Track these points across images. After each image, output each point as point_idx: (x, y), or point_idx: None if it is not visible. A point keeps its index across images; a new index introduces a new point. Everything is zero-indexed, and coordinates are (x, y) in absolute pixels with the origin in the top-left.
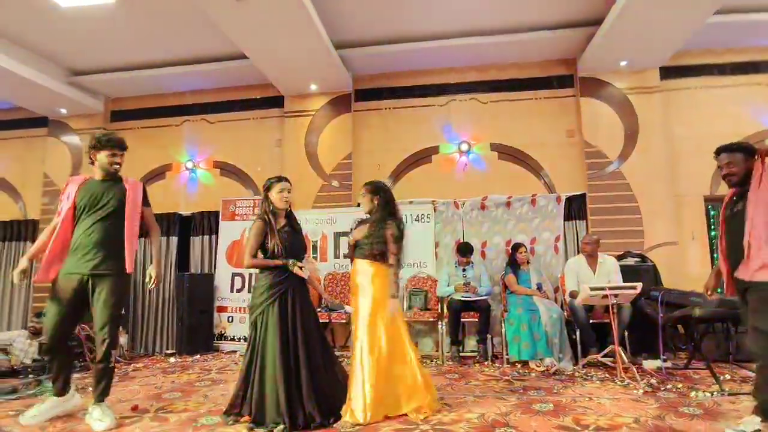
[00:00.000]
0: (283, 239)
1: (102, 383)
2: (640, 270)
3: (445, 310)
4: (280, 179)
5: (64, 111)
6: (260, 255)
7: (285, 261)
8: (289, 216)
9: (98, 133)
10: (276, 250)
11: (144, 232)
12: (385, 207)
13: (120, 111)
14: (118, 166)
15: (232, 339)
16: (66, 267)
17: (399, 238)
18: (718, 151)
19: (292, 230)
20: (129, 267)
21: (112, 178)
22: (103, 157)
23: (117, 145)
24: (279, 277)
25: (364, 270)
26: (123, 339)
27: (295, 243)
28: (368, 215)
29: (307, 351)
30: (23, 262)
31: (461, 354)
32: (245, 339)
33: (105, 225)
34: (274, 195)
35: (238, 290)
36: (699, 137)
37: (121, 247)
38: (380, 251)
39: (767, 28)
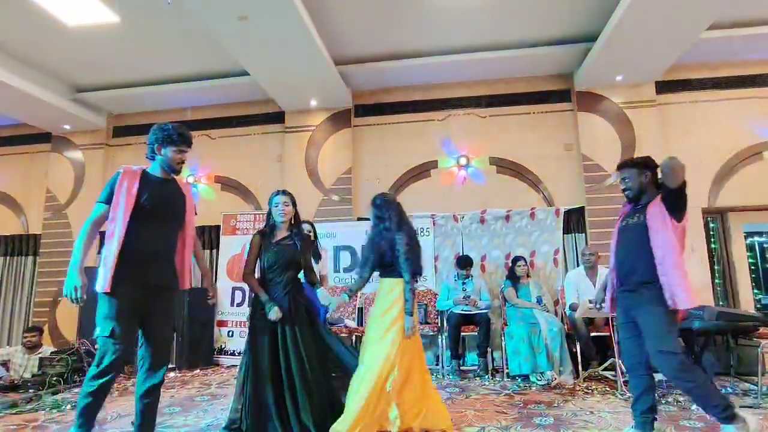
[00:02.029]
0: (280, 253)
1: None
2: None
3: (445, 324)
4: (278, 192)
5: (67, 127)
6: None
7: (268, 302)
8: (294, 229)
9: (167, 123)
10: (267, 263)
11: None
12: (393, 223)
13: (122, 127)
14: (183, 165)
15: (232, 353)
16: (129, 276)
17: (410, 250)
18: (618, 168)
19: (293, 243)
20: (187, 282)
21: (169, 176)
22: (171, 152)
23: (188, 141)
24: (274, 292)
25: (385, 286)
26: None
27: (293, 256)
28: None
29: (302, 364)
30: (81, 277)
31: (461, 368)
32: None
33: (168, 231)
34: (272, 208)
35: (239, 304)
36: (696, 150)
37: (178, 257)
38: (393, 265)
39: (760, 42)
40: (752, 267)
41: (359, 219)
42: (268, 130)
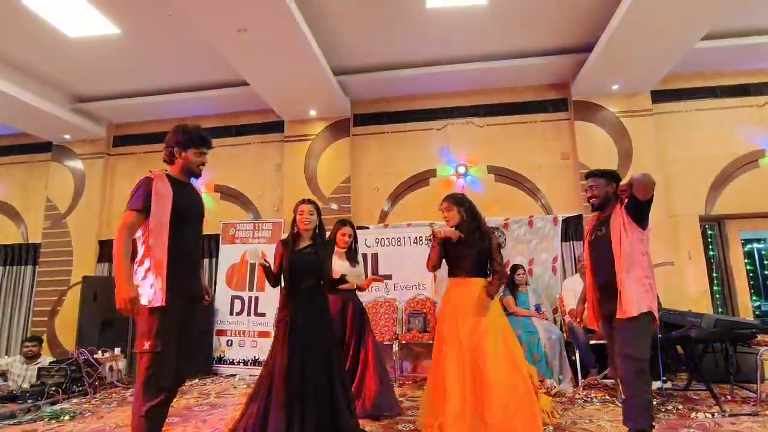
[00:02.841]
0: (300, 261)
1: None
2: None
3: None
4: (302, 201)
5: (67, 136)
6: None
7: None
8: (316, 238)
9: (188, 125)
10: (288, 272)
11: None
12: (474, 218)
13: (122, 136)
14: (203, 168)
15: (231, 362)
16: (177, 287)
17: (499, 248)
18: (586, 176)
19: (315, 252)
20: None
21: (188, 180)
22: (192, 155)
23: (209, 143)
24: (289, 300)
25: (471, 286)
26: (121, 363)
27: (313, 265)
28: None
29: (315, 377)
30: (133, 288)
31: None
32: (244, 362)
33: (198, 237)
34: (297, 216)
35: (238, 313)
36: (692, 158)
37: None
38: (483, 265)
39: (752, 52)
40: (750, 274)
41: (358, 227)
42: (267, 139)
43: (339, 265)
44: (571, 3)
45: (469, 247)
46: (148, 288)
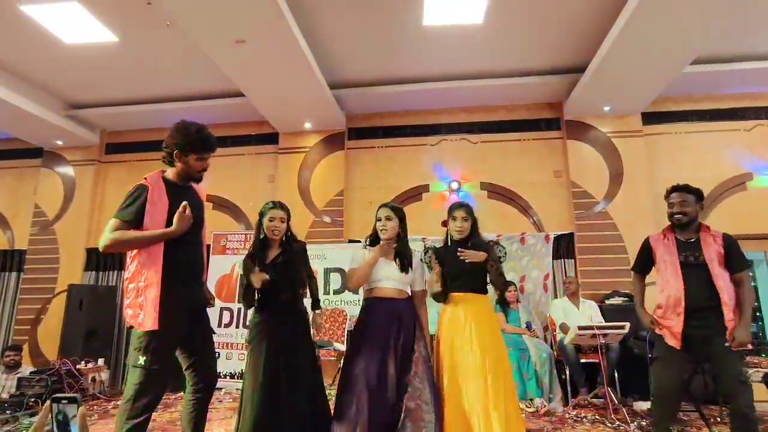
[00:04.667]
0: (272, 275)
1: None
2: (627, 309)
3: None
4: (272, 205)
5: (59, 143)
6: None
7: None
8: (285, 245)
9: (190, 126)
10: (256, 288)
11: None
12: (477, 231)
13: (115, 144)
14: (204, 173)
15: (219, 375)
16: (173, 305)
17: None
18: (672, 190)
19: (287, 261)
20: (212, 299)
21: (188, 183)
22: (193, 161)
23: (212, 147)
24: (263, 315)
25: (476, 303)
26: (104, 374)
27: (288, 277)
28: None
29: (293, 394)
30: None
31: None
32: (231, 376)
33: (199, 245)
34: (264, 221)
35: (226, 325)
36: (682, 180)
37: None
38: (483, 279)
39: (739, 77)
40: None
41: (350, 241)
42: (261, 150)
43: (385, 270)
44: (565, 24)
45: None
46: (140, 310)
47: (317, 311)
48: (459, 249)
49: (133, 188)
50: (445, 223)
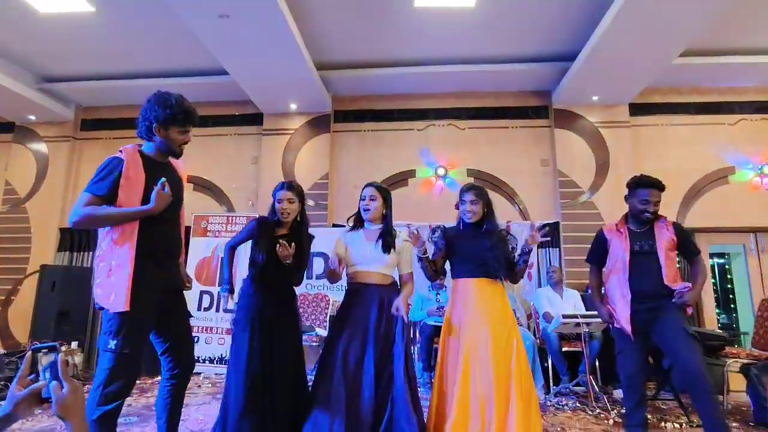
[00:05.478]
0: (273, 250)
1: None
2: None
3: (418, 336)
4: (281, 186)
5: (32, 117)
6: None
7: (225, 284)
8: (296, 229)
9: (170, 96)
10: (259, 260)
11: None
12: (493, 215)
13: (91, 120)
14: (184, 148)
15: (197, 360)
16: (147, 286)
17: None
18: (652, 185)
19: (289, 243)
20: (188, 281)
21: (166, 159)
22: (174, 134)
23: (194, 120)
24: (253, 295)
25: (488, 290)
26: (78, 358)
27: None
28: (462, 225)
29: (278, 380)
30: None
31: (433, 380)
32: (211, 360)
33: (176, 224)
34: (275, 204)
35: (206, 309)
36: (666, 172)
37: (182, 254)
38: (502, 268)
39: (726, 72)
40: (714, 287)
41: (334, 225)
42: (244, 131)
43: (366, 251)
44: (557, 12)
45: (484, 248)
46: (111, 290)
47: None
48: (411, 232)
49: (106, 160)
50: (457, 206)
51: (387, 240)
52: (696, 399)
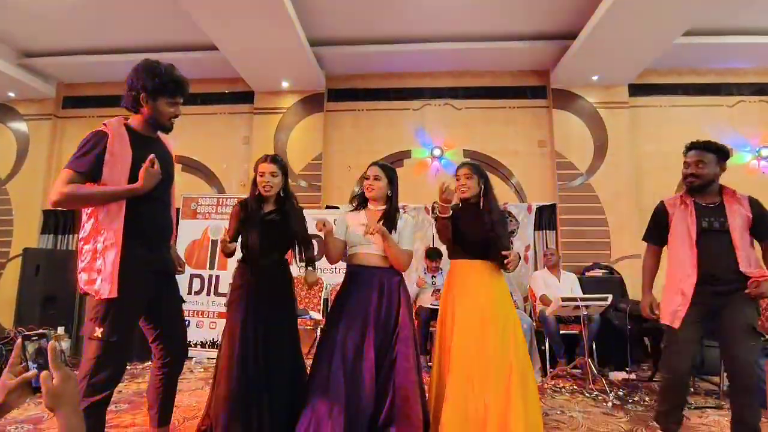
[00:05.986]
0: (264, 231)
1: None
2: (607, 281)
3: (414, 319)
4: (264, 159)
5: (12, 94)
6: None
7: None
8: (282, 202)
9: (158, 64)
10: (248, 242)
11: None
12: (490, 193)
13: (73, 97)
14: (174, 121)
15: (188, 344)
16: (134, 270)
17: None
18: (690, 147)
19: (281, 219)
20: (181, 263)
21: (155, 134)
22: (163, 105)
23: (185, 90)
24: (243, 278)
25: (486, 272)
26: (65, 344)
27: (280, 235)
28: (458, 202)
29: (269, 365)
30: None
31: (429, 364)
32: (202, 345)
33: (167, 204)
34: (257, 178)
35: (197, 293)
36: (664, 154)
37: (173, 235)
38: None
39: (726, 53)
40: None
41: (327, 207)
42: (235, 110)
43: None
44: None
45: (479, 227)
46: (96, 274)
47: (310, 268)
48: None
49: (89, 135)
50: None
51: (388, 222)
52: (735, 393)
